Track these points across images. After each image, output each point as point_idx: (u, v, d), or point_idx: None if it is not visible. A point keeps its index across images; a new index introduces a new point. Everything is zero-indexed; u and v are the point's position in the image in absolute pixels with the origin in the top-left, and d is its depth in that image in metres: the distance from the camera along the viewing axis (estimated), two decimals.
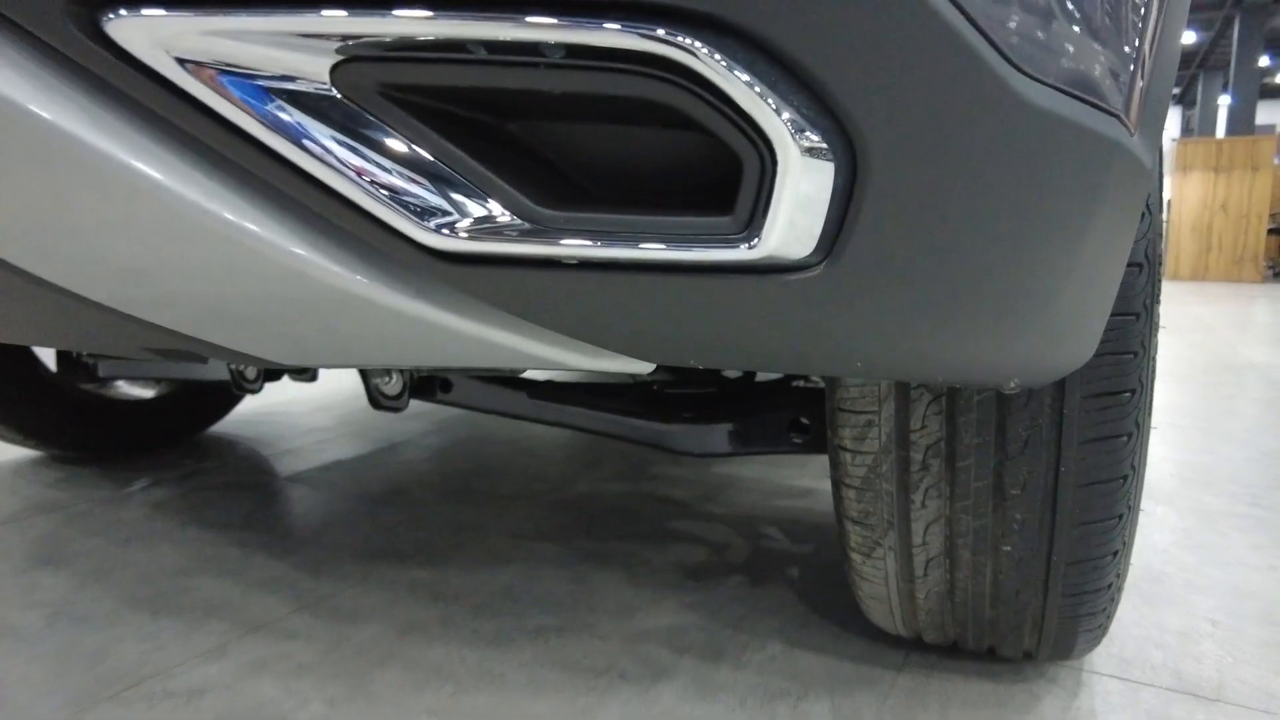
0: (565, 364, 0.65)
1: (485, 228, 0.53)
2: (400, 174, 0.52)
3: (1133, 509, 0.93)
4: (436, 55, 0.49)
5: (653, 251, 0.53)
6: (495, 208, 0.53)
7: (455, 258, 0.55)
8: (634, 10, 0.46)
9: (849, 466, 0.98)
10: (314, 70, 0.50)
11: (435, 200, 0.53)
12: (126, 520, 1.72)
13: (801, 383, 1.41)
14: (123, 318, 0.67)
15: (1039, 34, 0.50)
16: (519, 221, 0.53)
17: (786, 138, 0.48)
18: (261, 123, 0.51)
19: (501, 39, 0.47)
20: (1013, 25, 0.48)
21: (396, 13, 0.47)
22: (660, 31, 0.46)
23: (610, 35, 0.46)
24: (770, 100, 0.47)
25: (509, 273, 0.56)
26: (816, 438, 1.24)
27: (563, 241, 0.53)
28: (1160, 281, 0.91)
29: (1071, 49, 0.52)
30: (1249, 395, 3.14)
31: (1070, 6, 0.52)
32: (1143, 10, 0.60)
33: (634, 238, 0.53)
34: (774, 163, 0.50)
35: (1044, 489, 0.90)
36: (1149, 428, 0.93)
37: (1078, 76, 0.53)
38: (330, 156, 0.51)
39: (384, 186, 0.52)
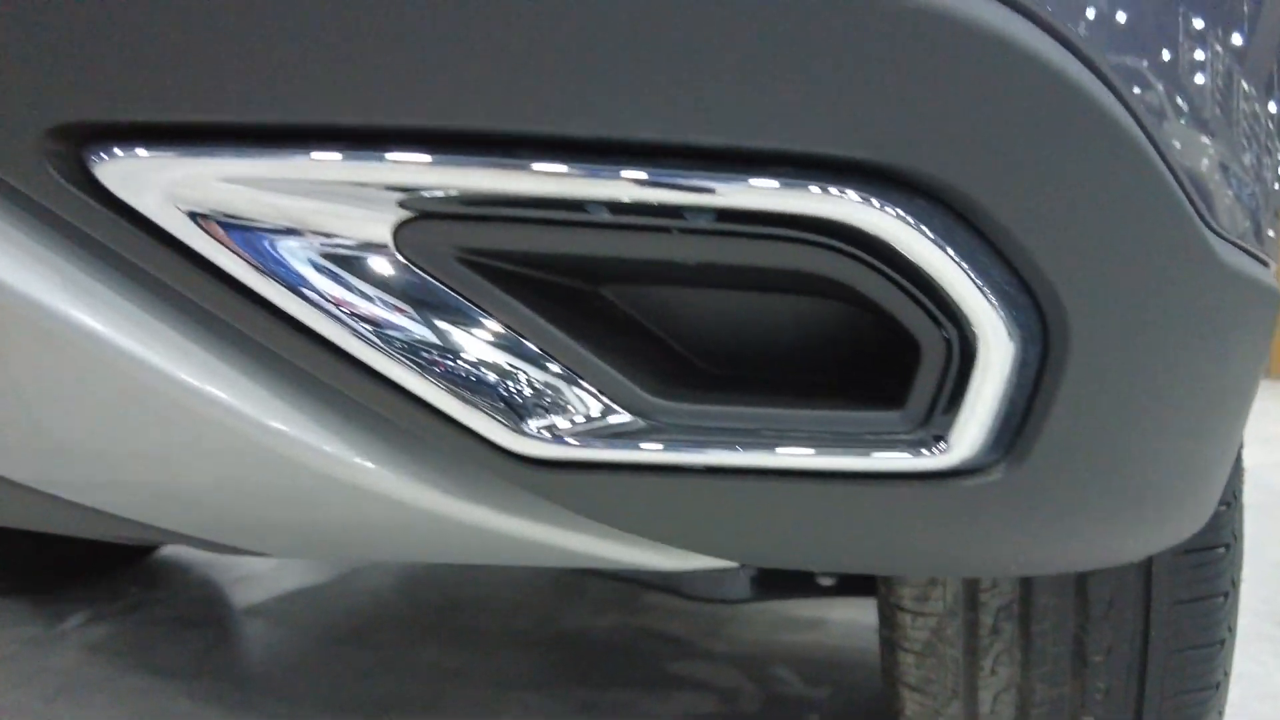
0: (642, 566, 0.55)
1: (588, 428, 0.43)
2: (478, 360, 0.42)
3: (1228, 675, 0.84)
4: (542, 216, 0.39)
5: (801, 458, 0.43)
6: (601, 402, 0.43)
7: (544, 464, 0.44)
8: (810, 166, 0.37)
9: (909, 629, 0.88)
10: (371, 230, 0.39)
11: (523, 393, 0.42)
12: (57, 667, 1.53)
13: None
14: (76, 508, 0.55)
15: (1224, 188, 0.44)
16: (631, 419, 0.43)
17: (994, 321, 0.40)
18: (297, 296, 0.40)
19: (635, 200, 0.38)
20: (1206, 180, 0.42)
21: (500, 162, 0.37)
22: (851, 194, 0.37)
23: (782, 197, 0.37)
24: (977, 277, 0.39)
25: (610, 479, 0.45)
26: (849, 580, 1.13)
27: (686, 444, 0.43)
28: None
29: (1246, 199, 0.46)
30: (1244, 500, 3.11)
31: (1246, 155, 0.46)
32: None
33: (777, 438, 0.43)
34: (971, 351, 0.41)
35: (1131, 655, 0.81)
36: (1240, 584, 0.86)
37: (1250, 229, 0.47)
38: (386, 339, 0.41)
39: (456, 377, 0.41)
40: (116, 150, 0.37)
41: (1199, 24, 0.42)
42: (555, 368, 0.42)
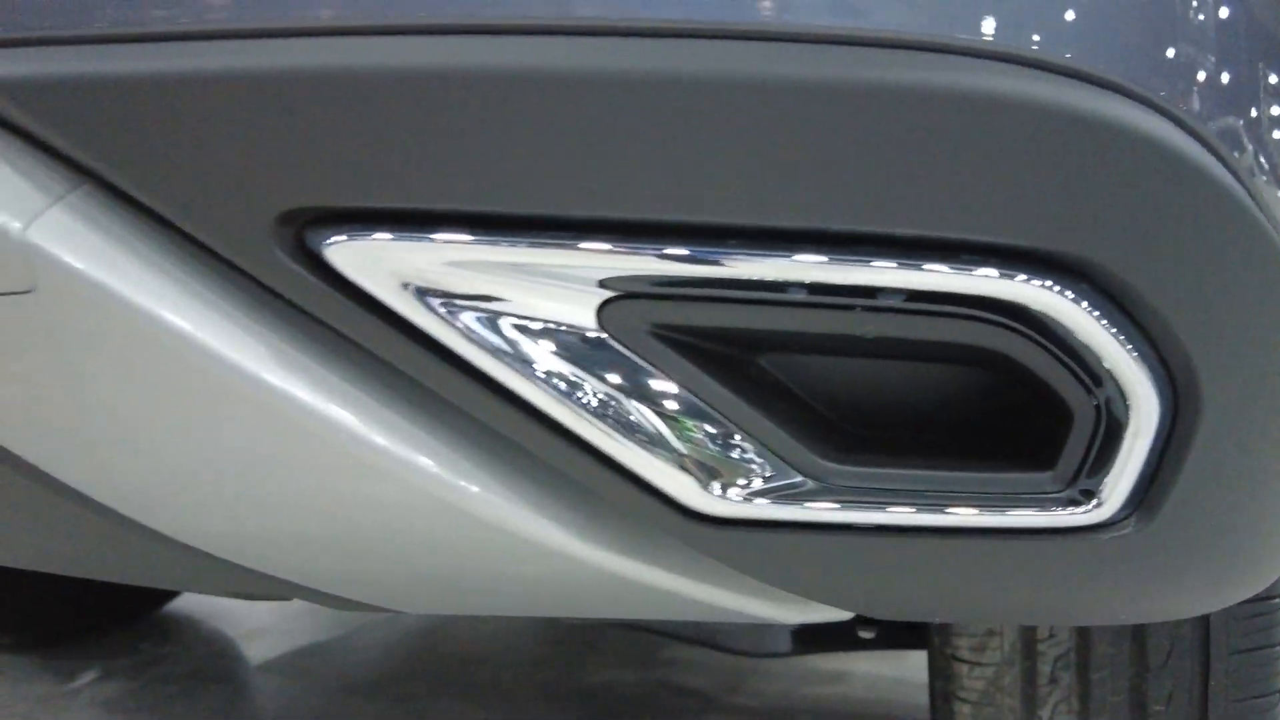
0: (762, 618, 0.58)
1: (761, 489, 0.47)
2: (666, 425, 0.45)
3: None
4: (741, 295, 0.43)
5: (960, 516, 0.47)
6: (775, 464, 0.46)
7: (716, 521, 0.48)
8: (983, 252, 0.42)
9: (965, 679, 0.90)
10: (579, 309, 0.43)
11: (704, 456, 0.46)
12: None
13: None
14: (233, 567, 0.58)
15: None
16: (802, 480, 0.46)
17: (1147, 390, 0.44)
18: (506, 367, 0.44)
19: (833, 282, 0.42)
20: None
21: (713, 252, 0.41)
22: (1033, 279, 0.42)
23: (977, 281, 0.42)
24: (1132, 350, 0.44)
25: (774, 537, 0.48)
26: (890, 633, 1.15)
27: (852, 504, 0.47)
28: None
29: None
30: None
31: None
32: None
33: (938, 498, 0.47)
34: (1117, 416, 0.45)
35: (1191, 705, 0.83)
36: None
37: None
38: (585, 406, 0.45)
39: (645, 440, 0.45)
40: (346, 234, 0.41)
41: None
42: (734, 433, 0.46)
